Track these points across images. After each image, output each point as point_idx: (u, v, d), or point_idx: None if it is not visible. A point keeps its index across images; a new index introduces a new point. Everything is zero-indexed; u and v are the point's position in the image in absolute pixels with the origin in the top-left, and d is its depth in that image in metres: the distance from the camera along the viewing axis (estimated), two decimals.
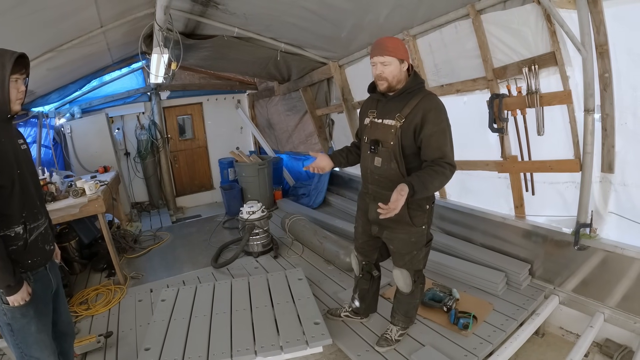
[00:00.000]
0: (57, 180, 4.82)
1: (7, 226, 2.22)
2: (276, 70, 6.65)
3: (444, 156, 2.63)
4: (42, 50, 4.27)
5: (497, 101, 3.73)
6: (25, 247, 2.30)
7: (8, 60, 2.15)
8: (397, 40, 2.77)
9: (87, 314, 4.19)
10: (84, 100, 7.52)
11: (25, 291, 2.24)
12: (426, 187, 2.57)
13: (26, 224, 2.31)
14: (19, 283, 2.21)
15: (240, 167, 7.68)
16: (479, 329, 3.34)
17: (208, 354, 3.04)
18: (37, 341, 2.38)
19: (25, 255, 2.31)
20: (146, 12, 4.65)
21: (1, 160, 2.17)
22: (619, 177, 3.26)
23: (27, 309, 2.29)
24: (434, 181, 2.61)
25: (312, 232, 5.48)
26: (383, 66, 2.71)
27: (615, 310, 3.28)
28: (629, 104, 3.05)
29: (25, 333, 2.34)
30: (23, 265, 2.30)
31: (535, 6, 3.20)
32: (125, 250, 5.96)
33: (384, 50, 2.69)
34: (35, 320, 2.35)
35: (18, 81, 2.25)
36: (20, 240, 2.27)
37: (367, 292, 3.50)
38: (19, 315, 2.28)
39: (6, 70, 2.14)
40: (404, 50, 2.73)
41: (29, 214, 2.35)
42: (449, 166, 2.63)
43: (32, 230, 2.35)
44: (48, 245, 2.52)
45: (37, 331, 2.37)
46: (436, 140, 2.64)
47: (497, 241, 4.26)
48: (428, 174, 2.60)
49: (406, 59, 2.73)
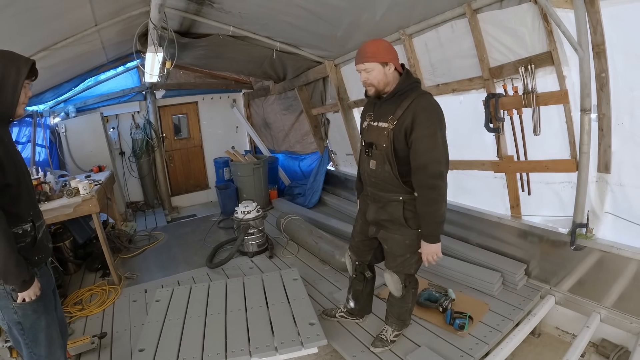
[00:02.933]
0: (51, 180, 4.78)
1: (16, 223, 2.26)
2: (271, 70, 6.62)
3: (430, 162, 2.60)
4: (36, 49, 4.22)
5: (493, 101, 3.73)
6: (34, 244, 2.36)
7: (24, 65, 2.21)
8: (379, 43, 2.72)
9: (82, 315, 4.17)
10: (78, 99, 7.49)
11: (36, 286, 2.30)
12: (439, 222, 2.73)
13: (34, 221, 2.37)
14: (32, 278, 2.27)
15: (236, 166, 7.65)
16: (475, 329, 3.34)
17: (202, 355, 3.01)
18: (47, 337, 2.45)
19: (33, 252, 2.36)
20: (141, 10, 4.62)
21: (7, 160, 2.19)
22: (615, 177, 3.26)
23: (38, 304, 2.35)
24: (440, 211, 2.70)
25: (308, 232, 5.47)
26: (366, 73, 2.71)
27: (611, 310, 3.28)
28: (625, 103, 3.05)
29: (36, 329, 2.40)
30: (31, 261, 2.34)
31: (532, 5, 3.19)
32: (120, 250, 5.92)
33: (363, 57, 2.68)
34: (45, 315, 2.42)
35: (27, 87, 2.29)
36: (28, 237, 2.33)
37: (361, 292, 3.49)
38: (30, 311, 2.34)
39: (21, 75, 2.20)
40: (385, 52, 2.68)
41: (35, 212, 2.42)
42: (440, 179, 2.63)
43: (39, 227, 2.42)
44: (50, 243, 2.61)
45: (47, 326, 2.44)
46: (424, 144, 2.61)
47: (493, 241, 4.26)
48: (430, 212, 2.71)
49: (390, 61, 2.68)
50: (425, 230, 2.77)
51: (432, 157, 2.60)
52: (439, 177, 2.62)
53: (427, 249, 2.79)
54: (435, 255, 2.80)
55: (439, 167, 2.62)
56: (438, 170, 2.61)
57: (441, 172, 2.63)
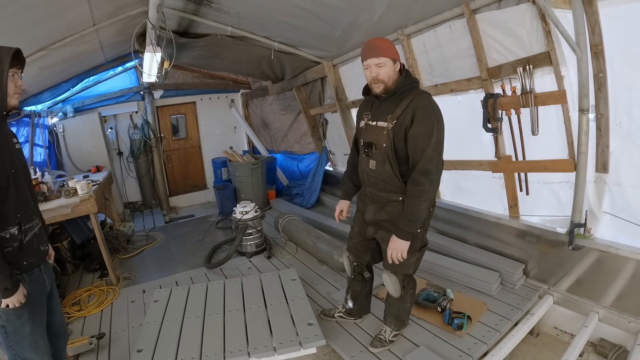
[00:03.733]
0: (49, 180, 4.77)
1: (2, 227, 2.19)
2: (270, 70, 6.62)
3: (420, 158, 2.61)
4: (34, 49, 4.21)
5: (491, 101, 3.73)
6: (21, 248, 2.27)
7: (5, 54, 2.15)
8: (387, 41, 2.76)
9: (80, 315, 4.16)
10: (76, 99, 7.48)
11: (21, 293, 2.21)
12: (413, 219, 2.71)
13: (21, 224, 2.28)
14: (15, 285, 2.18)
15: (234, 166, 7.66)
16: (474, 329, 3.34)
17: (201, 356, 3.01)
18: (31, 343, 2.36)
19: (21, 257, 2.28)
20: (139, 10, 4.61)
21: None
22: (613, 177, 3.27)
23: (22, 311, 2.26)
24: (417, 208, 2.69)
25: (306, 232, 5.47)
26: (378, 68, 2.68)
27: (609, 310, 3.28)
28: (623, 104, 3.05)
29: (20, 335, 2.31)
30: (19, 266, 2.26)
31: (530, 6, 3.19)
32: (118, 250, 5.92)
33: (378, 51, 2.67)
34: (30, 322, 2.32)
35: (15, 75, 2.25)
36: (15, 242, 2.24)
37: (360, 293, 3.49)
38: (14, 317, 2.25)
39: (4, 64, 2.14)
40: (395, 50, 2.72)
41: (24, 214, 2.32)
42: (425, 176, 2.62)
43: (27, 231, 2.32)
44: (42, 246, 2.50)
45: (31, 333, 2.35)
46: (421, 141, 2.61)
47: (491, 241, 4.26)
48: (407, 204, 2.72)
49: (398, 59, 2.72)
50: (399, 223, 2.76)
51: (423, 154, 2.61)
52: (424, 174, 2.62)
53: (394, 244, 2.78)
54: (400, 253, 2.78)
55: (428, 164, 2.61)
56: (425, 167, 2.61)
57: (428, 170, 2.62)
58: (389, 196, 2.85)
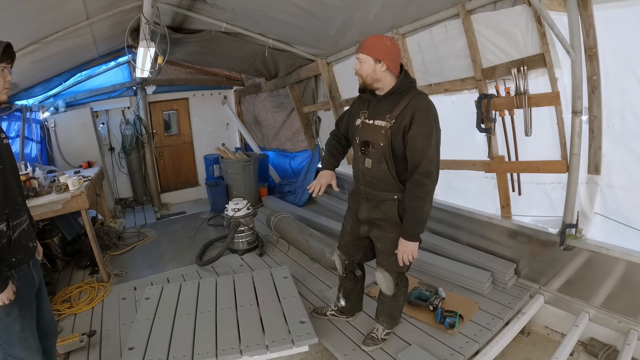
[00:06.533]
0: (39, 176, 4.73)
1: None
2: (263, 67, 6.61)
3: (421, 160, 2.63)
4: (26, 42, 4.17)
5: (485, 101, 3.75)
6: (9, 244, 2.24)
7: None
8: (381, 40, 2.72)
9: (70, 312, 4.11)
10: (68, 94, 7.40)
11: (10, 290, 2.17)
12: (420, 221, 2.74)
13: (9, 221, 2.25)
14: (4, 282, 2.15)
15: (226, 163, 7.64)
16: (465, 328, 3.36)
17: (193, 353, 3.00)
18: (21, 340, 2.33)
19: (9, 253, 2.25)
20: (133, 4, 4.59)
21: None
22: (605, 179, 3.30)
23: (12, 308, 2.23)
24: (422, 209, 2.71)
25: (298, 229, 5.47)
26: (359, 63, 2.74)
27: (600, 310, 3.32)
28: (616, 106, 3.08)
29: (9, 333, 2.28)
30: (7, 263, 2.23)
31: (525, 7, 3.21)
32: (109, 247, 5.87)
33: (360, 47, 2.73)
34: (20, 319, 2.29)
35: (4, 70, 2.22)
36: (3, 238, 2.21)
37: (352, 291, 3.49)
38: (3, 314, 2.22)
39: None
40: (382, 50, 2.68)
41: (12, 210, 2.29)
42: (428, 177, 2.64)
43: (15, 227, 2.29)
44: (31, 242, 2.47)
45: (21, 330, 2.32)
46: (421, 143, 2.62)
47: (483, 240, 4.28)
48: (412, 208, 2.72)
49: (384, 60, 2.67)
50: (405, 226, 2.77)
51: (424, 156, 2.62)
52: (426, 175, 2.63)
53: (404, 247, 2.79)
54: (411, 255, 2.80)
55: (429, 166, 2.63)
56: (427, 168, 2.63)
57: (430, 171, 2.63)
58: (384, 195, 2.86)
